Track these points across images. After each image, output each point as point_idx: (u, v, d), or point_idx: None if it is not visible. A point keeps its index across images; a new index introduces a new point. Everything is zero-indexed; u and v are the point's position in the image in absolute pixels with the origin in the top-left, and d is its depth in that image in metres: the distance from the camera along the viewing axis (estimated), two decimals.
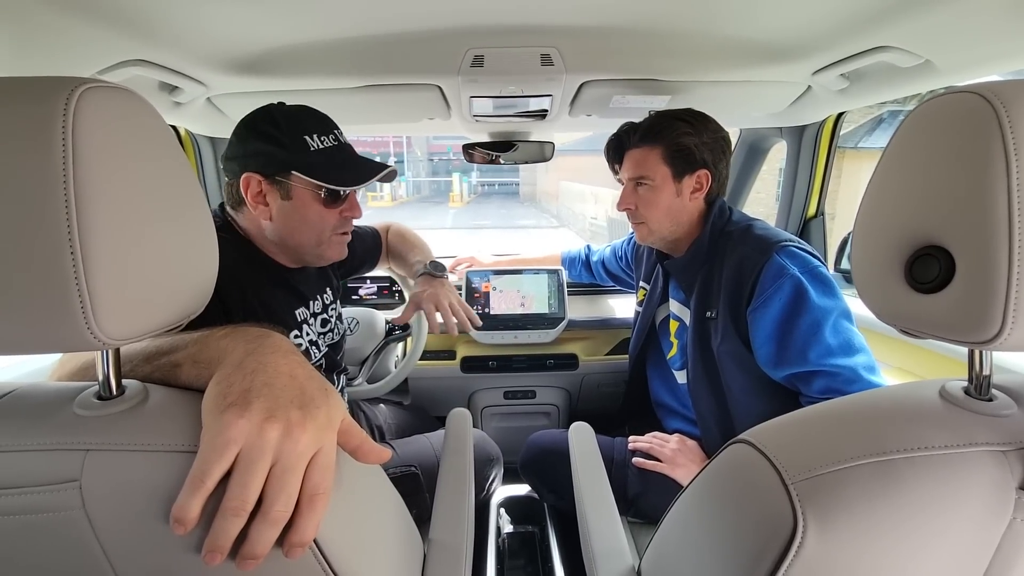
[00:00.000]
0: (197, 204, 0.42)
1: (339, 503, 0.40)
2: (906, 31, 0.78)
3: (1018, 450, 0.36)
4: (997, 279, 0.34)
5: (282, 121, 0.81)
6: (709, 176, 1.05)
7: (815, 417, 0.44)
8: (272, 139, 0.80)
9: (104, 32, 0.73)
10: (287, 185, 0.82)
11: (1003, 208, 0.33)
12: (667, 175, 1.04)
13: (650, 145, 1.05)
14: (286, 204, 0.83)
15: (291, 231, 0.85)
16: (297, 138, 0.81)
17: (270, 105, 0.84)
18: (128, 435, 0.37)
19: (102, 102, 0.34)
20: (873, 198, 0.43)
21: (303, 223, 0.84)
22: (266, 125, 0.81)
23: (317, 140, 0.82)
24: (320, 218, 0.85)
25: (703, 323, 1.05)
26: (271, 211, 0.83)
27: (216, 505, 0.34)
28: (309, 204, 0.83)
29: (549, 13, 0.81)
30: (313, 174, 0.81)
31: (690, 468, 1.03)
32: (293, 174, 0.81)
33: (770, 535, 0.37)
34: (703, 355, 1.05)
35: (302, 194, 0.83)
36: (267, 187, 0.82)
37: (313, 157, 0.81)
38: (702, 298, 1.05)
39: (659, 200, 1.05)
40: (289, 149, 0.80)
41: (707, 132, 1.04)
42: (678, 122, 1.03)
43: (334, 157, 0.84)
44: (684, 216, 1.07)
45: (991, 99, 0.34)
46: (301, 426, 0.37)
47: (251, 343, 0.42)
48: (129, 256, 0.35)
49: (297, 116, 0.83)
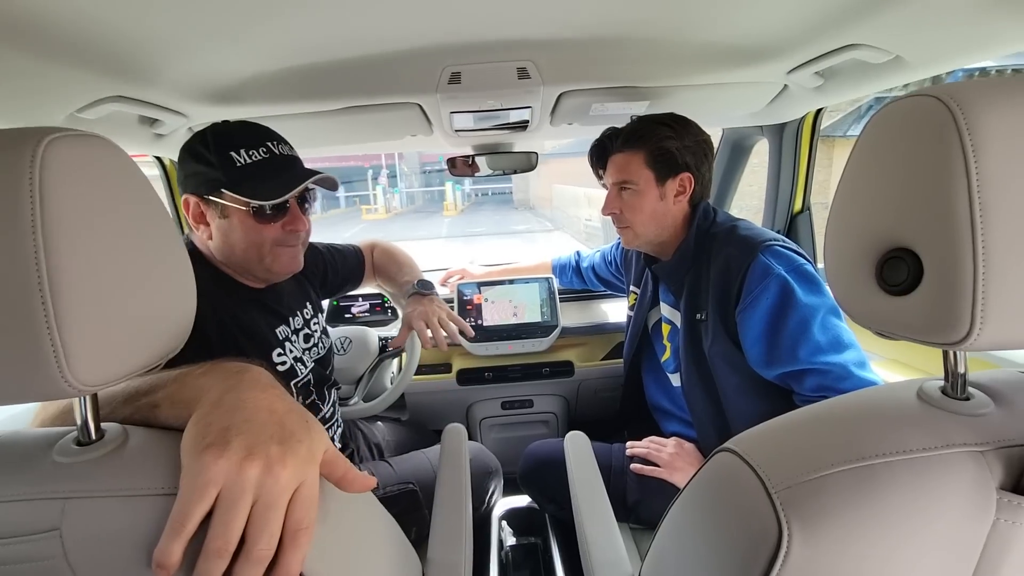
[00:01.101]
0: (172, 244, 0.42)
1: (326, 535, 0.40)
2: (875, 28, 0.79)
3: (996, 449, 0.36)
4: (963, 280, 0.34)
5: (211, 139, 0.81)
6: (692, 179, 1.05)
7: (797, 423, 0.44)
8: (202, 158, 0.81)
9: (80, 72, 0.73)
10: (220, 204, 0.82)
11: (964, 209, 0.33)
12: (650, 179, 1.05)
13: (633, 149, 1.06)
14: (224, 223, 0.83)
15: (232, 249, 0.85)
16: (223, 155, 0.80)
17: (210, 126, 0.84)
18: (107, 481, 0.37)
19: (70, 150, 0.35)
20: (842, 201, 0.43)
21: (242, 241, 0.84)
22: (197, 145, 0.82)
23: (244, 155, 0.81)
24: (257, 234, 0.84)
25: (694, 325, 1.05)
26: (211, 230, 0.84)
27: (198, 547, 0.34)
28: (244, 220, 0.83)
29: (523, 28, 0.82)
30: (239, 190, 0.80)
31: (688, 471, 1.03)
32: (224, 192, 0.81)
33: (757, 544, 0.37)
34: (695, 357, 1.05)
35: (236, 212, 0.82)
36: (204, 207, 0.83)
37: (240, 172, 0.81)
38: (691, 300, 1.05)
39: (643, 204, 1.06)
40: (217, 167, 0.80)
41: (689, 136, 1.05)
42: (660, 126, 1.04)
43: (263, 170, 0.82)
44: (668, 219, 1.07)
45: (947, 101, 0.34)
46: (282, 462, 0.37)
47: (229, 379, 0.42)
48: (102, 302, 0.35)
49: (227, 132, 0.83)
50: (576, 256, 1.65)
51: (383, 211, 23.67)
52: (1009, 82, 0.35)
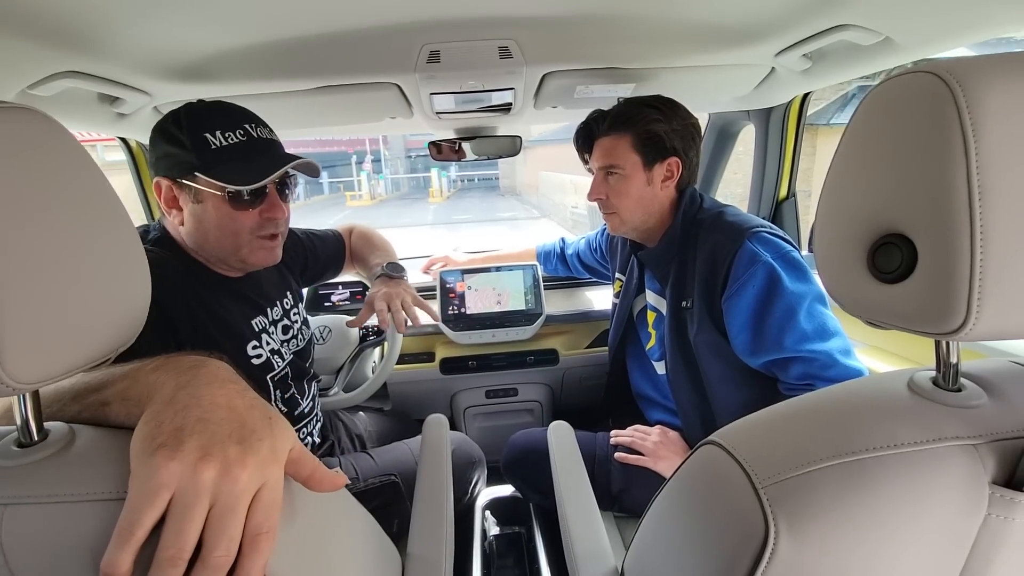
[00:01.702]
0: (120, 229, 0.39)
1: (293, 537, 0.38)
2: (864, 8, 0.77)
3: (989, 443, 0.35)
4: (959, 268, 0.32)
5: (184, 120, 0.77)
6: (680, 164, 1.03)
7: (784, 416, 0.42)
8: (174, 140, 0.76)
9: (31, 45, 0.68)
10: (194, 188, 0.77)
11: (963, 193, 0.32)
12: (637, 163, 1.02)
13: (619, 133, 1.03)
14: (197, 208, 0.79)
15: (205, 236, 0.81)
16: (197, 136, 0.76)
17: (184, 105, 0.80)
18: (50, 485, 0.34)
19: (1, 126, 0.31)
20: (833, 185, 0.41)
21: (217, 228, 0.80)
22: (169, 125, 0.77)
23: (220, 137, 0.77)
24: (232, 220, 0.80)
25: (679, 313, 1.04)
26: (183, 216, 0.80)
27: (151, 555, 0.32)
28: (219, 206, 0.79)
29: (504, 4, 0.78)
30: (214, 174, 0.76)
31: (672, 460, 1.03)
32: (197, 176, 0.76)
33: (743, 540, 0.36)
34: (681, 345, 1.04)
35: (209, 197, 0.78)
36: (177, 191, 0.79)
37: (215, 155, 0.76)
38: (677, 288, 1.04)
39: (630, 189, 1.04)
40: (190, 149, 0.76)
41: (677, 119, 1.02)
42: (648, 109, 1.01)
43: (240, 153, 0.78)
44: (655, 205, 1.05)
45: (946, 78, 0.32)
46: (240, 463, 0.34)
47: (183, 375, 0.39)
48: (40, 291, 0.32)
49: (201, 113, 0.78)
50: (561, 243, 1.63)
51: (368, 197, 23.34)
52: (1011, 59, 0.33)
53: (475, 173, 32.23)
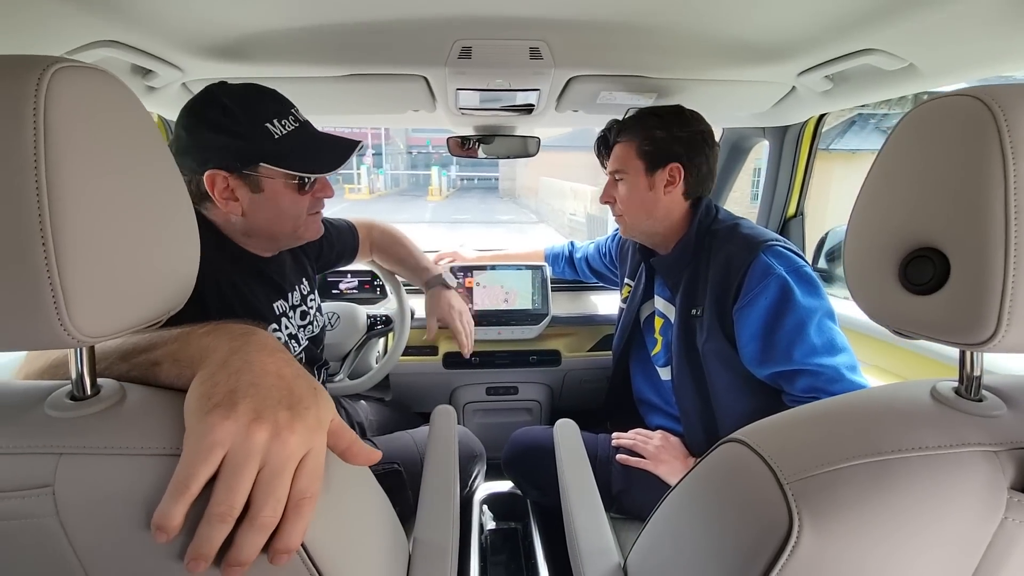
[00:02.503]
0: (178, 194, 0.40)
1: (327, 506, 0.39)
2: (892, 34, 0.79)
3: (1009, 450, 0.37)
4: (992, 281, 0.34)
5: (235, 109, 0.74)
6: (681, 169, 1.05)
7: (808, 417, 0.44)
8: (229, 131, 0.74)
9: (74, 11, 0.69)
10: (256, 178, 0.77)
11: (999, 210, 0.34)
12: (640, 169, 1.06)
13: (627, 140, 1.08)
14: (258, 197, 0.78)
15: (267, 222, 0.81)
16: (258, 127, 0.75)
17: (211, 88, 0.77)
18: (104, 438, 0.35)
19: (76, 83, 0.32)
20: (867, 199, 0.43)
21: (279, 213, 0.81)
22: (218, 114, 0.74)
23: (279, 125, 0.77)
24: (294, 204, 0.81)
25: (688, 321, 1.05)
26: (242, 206, 0.78)
27: (200, 511, 0.33)
28: (282, 193, 0.79)
29: (539, 6, 0.80)
30: (285, 164, 0.76)
31: (673, 465, 1.04)
32: (262, 166, 0.76)
33: (765, 534, 0.37)
34: (688, 353, 1.05)
35: (273, 185, 0.78)
36: (235, 183, 0.76)
37: (280, 145, 0.76)
38: (688, 296, 1.05)
39: (632, 193, 1.07)
40: (251, 140, 0.75)
41: (678, 126, 1.05)
42: (651, 117, 1.06)
43: (301, 140, 0.79)
44: (660, 211, 1.07)
45: (989, 103, 0.34)
46: (290, 428, 0.35)
47: (235, 341, 0.40)
48: (106, 248, 0.33)
49: (251, 100, 0.77)
50: (570, 246, 1.65)
51: (366, 191, 23.30)
52: None
53: (475, 174, 32.24)
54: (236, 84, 0.79)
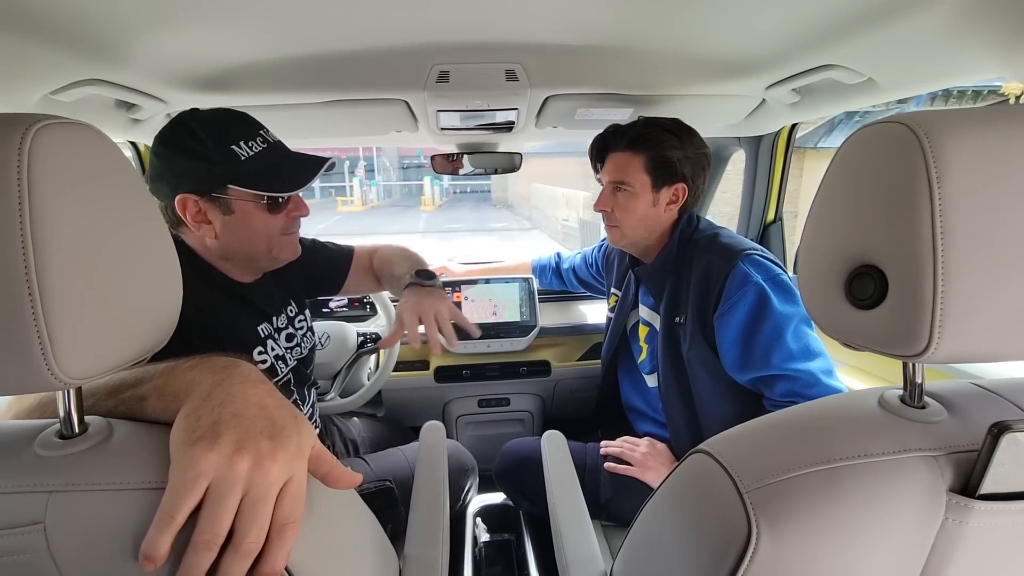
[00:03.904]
0: (160, 237, 0.42)
1: (311, 529, 0.41)
2: (850, 51, 0.82)
3: (947, 455, 0.39)
4: (924, 297, 0.36)
5: (202, 133, 0.76)
6: (686, 190, 1.07)
7: (768, 427, 0.46)
8: (197, 154, 0.76)
9: (57, 53, 0.71)
10: (226, 200, 0.79)
11: (927, 231, 0.36)
12: (646, 184, 1.06)
13: (634, 151, 1.06)
14: (229, 219, 0.80)
15: (240, 243, 0.83)
16: (224, 149, 0.77)
17: (182, 115, 0.79)
18: (93, 474, 0.36)
19: (58, 139, 0.34)
20: (815, 219, 0.45)
21: (251, 234, 0.82)
22: (186, 139, 0.76)
23: (246, 147, 0.79)
24: (267, 225, 0.83)
25: (672, 329, 1.07)
26: (215, 228, 0.80)
27: (186, 540, 0.35)
28: (253, 214, 0.81)
29: (513, 32, 0.83)
30: (251, 184, 0.78)
31: (660, 471, 1.06)
32: (230, 188, 0.78)
33: (727, 541, 0.39)
34: (673, 360, 1.08)
35: (243, 206, 0.80)
36: (206, 205, 0.79)
37: (247, 166, 0.78)
38: (671, 304, 1.08)
39: (635, 207, 1.07)
40: (219, 162, 0.76)
41: (691, 147, 1.06)
42: (665, 134, 1.05)
43: (268, 160, 0.80)
44: (658, 225, 1.09)
45: (916, 129, 0.37)
46: (271, 456, 0.37)
47: (218, 374, 0.42)
48: (90, 295, 0.35)
49: (218, 124, 0.79)
50: (556, 257, 1.67)
51: (359, 203, 23.27)
52: (973, 114, 0.37)
53: (467, 183, 32.25)
54: (205, 110, 0.81)
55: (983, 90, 6.38)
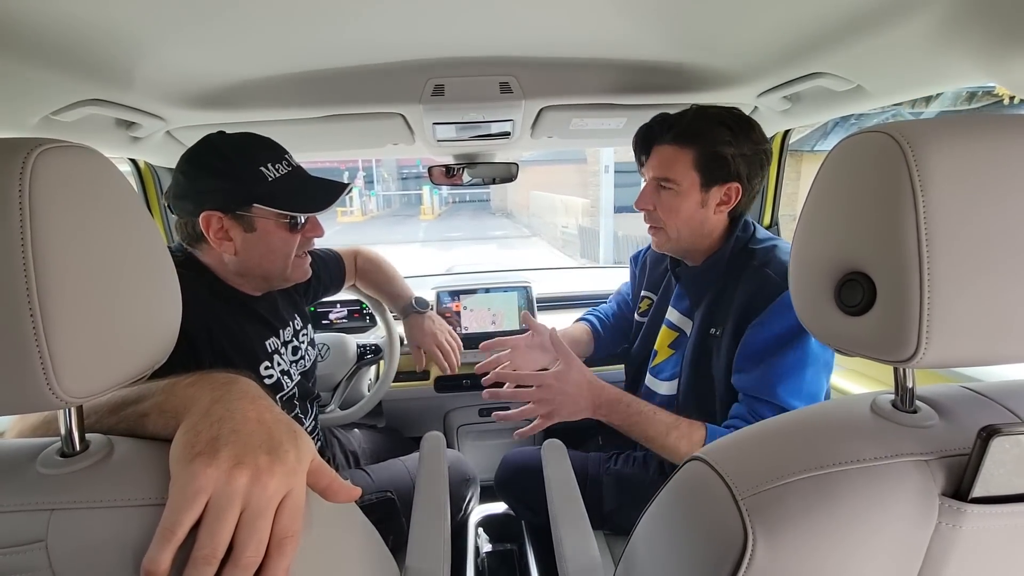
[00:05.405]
0: (160, 256, 0.43)
1: (310, 543, 0.41)
2: (838, 59, 0.84)
3: (939, 459, 0.39)
4: (911, 303, 0.37)
5: (232, 155, 0.81)
6: (740, 190, 0.95)
7: (763, 433, 0.46)
8: (224, 175, 0.80)
9: (58, 75, 0.72)
10: (249, 218, 0.82)
11: (913, 238, 0.37)
12: (695, 182, 0.93)
13: (682, 145, 0.93)
14: (251, 236, 0.84)
15: (258, 261, 0.86)
16: (253, 170, 0.81)
17: (211, 137, 0.84)
18: (94, 492, 0.37)
19: (59, 162, 0.35)
20: (805, 227, 0.46)
21: (269, 252, 0.86)
22: (215, 160, 0.81)
23: (272, 168, 0.83)
24: (285, 243, 0.87)
25: (705, 339, 0.99)
26: (235, 245, 0.83)
27: (187, 555, 0.35)
28: (273, 232, 0.85)
29: (506, 46, 0.84)
30: (276, 204, 0.82)
31: (578, 405, 0.94)
32: (255, 207, 0.82)
33: (724, 548, 0.40)
34: (701, 371, 1.00)
35: (265, 224, 0.84)
36: (229, 223, 0.82)
37: (272, 186, 0.82)
38: (709, 313, 0.99)
39: (681, 207, 0.95)
40: (245, 182, 0.81)
41: (748, 143, 0.93)
42: (719, 127, 0.92)
43: (292, 183, 0.85)
44: (706, 228, 0.98)
45: (899, 139, 0.37)
46: (270, 471, 0.38)
47: (217, 390, 0.42)
48: (91, 315, 0.36)
49: (246, 147, 0.84)
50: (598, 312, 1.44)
51: (359, 213, 23.36)
52: (955, 123, 0.38)
53: (466, 192, 32.36)
54: (233, 133, 0.85)
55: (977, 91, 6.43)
